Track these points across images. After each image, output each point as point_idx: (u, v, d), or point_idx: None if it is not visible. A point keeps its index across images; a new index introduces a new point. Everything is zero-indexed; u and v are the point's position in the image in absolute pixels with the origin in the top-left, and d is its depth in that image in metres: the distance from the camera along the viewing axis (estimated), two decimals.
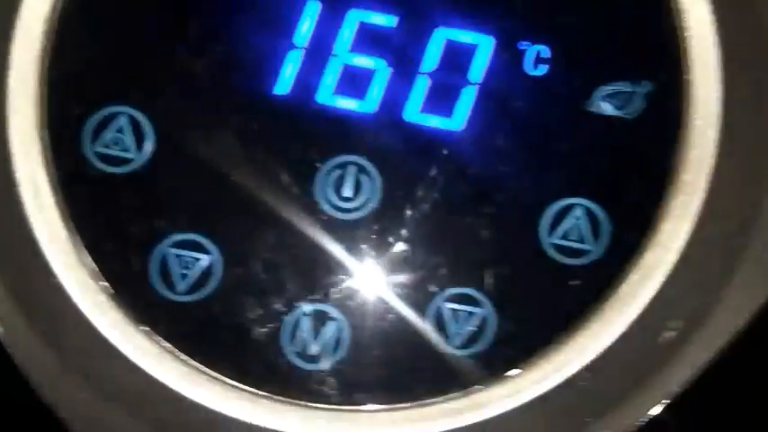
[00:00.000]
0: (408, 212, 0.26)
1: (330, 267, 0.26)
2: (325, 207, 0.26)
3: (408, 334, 0.26)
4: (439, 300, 0.26)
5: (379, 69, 0.27)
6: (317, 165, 0.26)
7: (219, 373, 0.25)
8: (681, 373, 0.26)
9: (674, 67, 0.26)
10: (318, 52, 0.27)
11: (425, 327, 0.26)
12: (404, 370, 0.26)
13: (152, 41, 0.27)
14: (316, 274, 0.26)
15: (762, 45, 0.26)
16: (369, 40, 0.27)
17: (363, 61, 0.27)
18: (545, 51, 0.27)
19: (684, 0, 0.26)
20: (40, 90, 0.26)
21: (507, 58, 0.27)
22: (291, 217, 0.26)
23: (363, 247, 0.26)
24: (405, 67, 0.27)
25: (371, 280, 0.26)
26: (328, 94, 0.27)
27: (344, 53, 0.27)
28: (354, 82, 0.27)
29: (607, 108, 0.27)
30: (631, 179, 0.26)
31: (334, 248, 0.26)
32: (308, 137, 0.26)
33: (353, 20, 0.27)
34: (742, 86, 0.26)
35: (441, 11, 0.27)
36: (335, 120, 0.27)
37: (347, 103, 0.27)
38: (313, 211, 0.26)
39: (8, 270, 0.26)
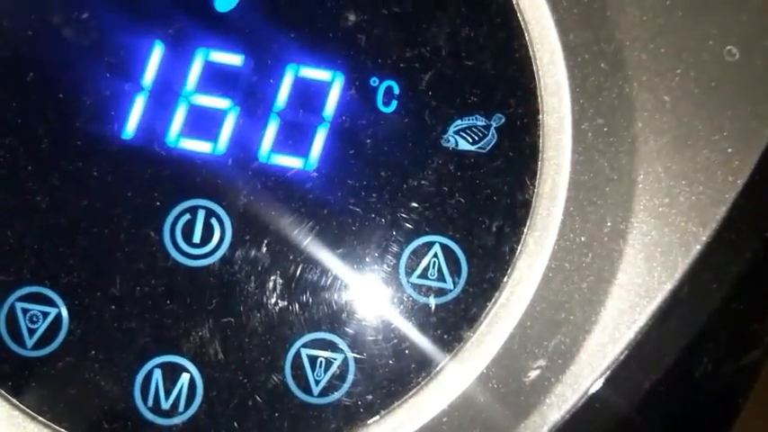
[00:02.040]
0: (261, 257, 0.26)
1: (181, 317, 0.25)
2: (174, 254, 0.26)
3: (264, 383, 0.25)
4: (297, 346, 0.25)
5: (229, 110, 0.26)
6: (166, 210, 0.26)
7: (71, 431, 0.25)
8: (551, 416, 0.26)
9: (525, 99, 0.26)
10: (165, 94, 0.26)
11: (282, 375, 0.25)
12: (260, 421, 0.25)
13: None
14: (166, 324, 0.25)
15: (610, 76, 0.26)
16: (217, 79, 0.26)
17: (212, 101, 0.26)
18: (395, 87, 0.26)
19: (535, 33, 0.26)
20: None
21: (359, 94, 0.26)
22: (139, 265, 0.25)
23: (214, 294, 0.25)
24: (255, 107, 0.26)
25: (224, 329, 0.25)
26: (176, 137, 0.26)
27: (192, 94, 0.26)
28: (204, 123, 0.26)
29: (460, 143, 0.26)
30: (487, 214, 0.26)
31: (184, 297, 0.25)
32: (157, 181, 0.26)
33: (200, 59, 0.26)
34: (592, 117, 0.26)
35: (290, 48, 0.26)
36: (184, 163, 0.26)
37: (197, 146, 0.26)
38: (161, 258, 0.25)
39: None
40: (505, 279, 0.26)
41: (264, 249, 0.26)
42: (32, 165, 0.26)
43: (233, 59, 0.26)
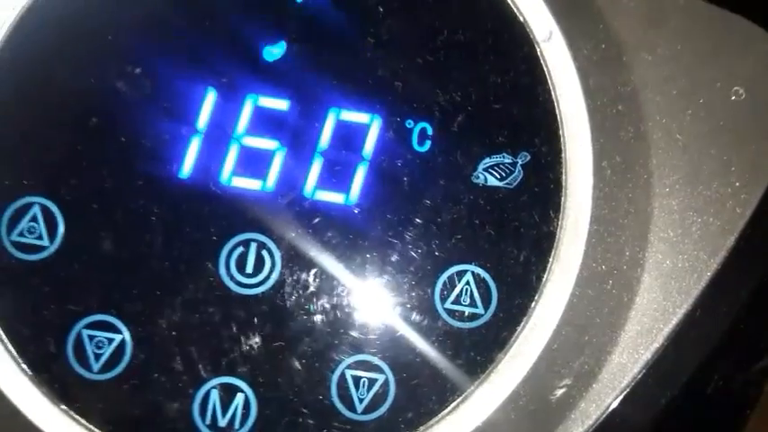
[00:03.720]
0: (308, 285, 0.28)
1: (236, 341, 0.27)
2: (229, 283, 0.28)
3: (312, 402, 0.28)
4: (342, 367, 0.28)
5: (276, 150, 0.29)
6: (221, 243, 0.28)
7: None
8: (574, 429, 0.28)
9: (549, 138, 0.28)
10: (219, 136, 0.29)
11: (329, 394, 0.28)
12: None
13: (60, 134, 0.28)
14: (222, 348, 0.27)
15: (627, 117, 0.28)
16: (265, 122, 0.29)
17: (261, 143, 0.29)
18: (429, 128, 0.28)
19: (557, 79, 0.28)
20: None
21: (396, 135, 0.29)
22: (197, 294, 0.28)
23: (266, 320, 0.28)
24: (301, 147, 0.29)
25: (275, 352, 0.28)
26: (229, 176, 0.28)
27: (242, 136, 0.29)
28: (254, 163, 0.28)
29: (489, 179, 0.28)
30: (515, 245, 0.28)
31: (239, 323, 0.28)
32: (212, 217, 0.28)
33: (250, 104, 0.29)
34: (611, 155, 0.28)
35: (332, 93, 0.29)
36: (237, 199, 0.28)
37: (247, 183, 0.28)
38: (217, 287, 0.28)
39: None
40: (533, 305, 0.28)
41: (311, 278, 0.28)
42: (99, 204, 0.28)
43: (280, 104, 0.29)
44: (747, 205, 0.29)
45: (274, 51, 0.29)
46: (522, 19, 0.29)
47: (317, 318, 0.28)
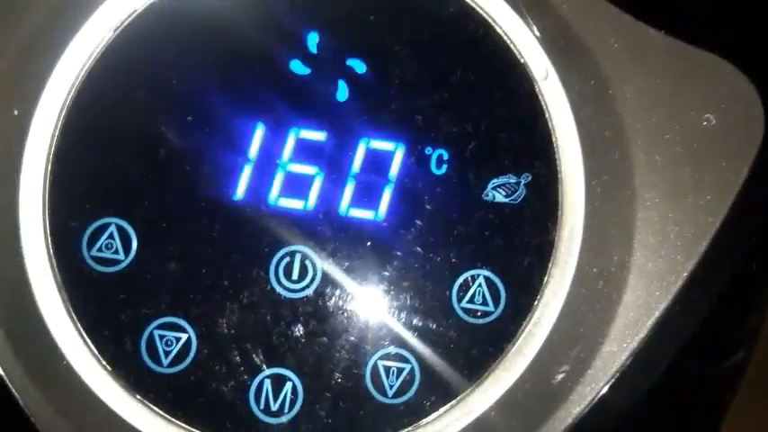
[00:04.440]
0: (345, 289, 0.33)
1: (284, 337, 0.32)
2: (278, 288, 0.32)
3: (350, 388, 0.32)
4: (374, 358, 0.32)
5: (316, 175, 0.33)
6: (270, 254, 0.33)
7: (203, 428, 0.32)
8: (572, 410, 0.33)
9: (547, 161, 0.33)
10: (267, 163, 0.33)
11: (363, 381, 0.32)
12: (347, 418, 0.32)
13: (132, 163, 0.33)
14: (273, 343, 0.32)
15: (613, 142, 0.33)
16: (306, 151, 0.33)
17: (302, 169, 0.33)
18: (445, 154, 0.33)
19: (553, 110, 0.33)
20: (46, 209, 0.32)
21: (416, 160, 0.33)
22: (252, 298, 0.32)
23: (310, 319, 0.32)
24: (336, 172, 0.33)
25: (318, 346, 0.32)
26: (276, 197, 0.33)
27: (287, 163, 0.33)
28: (296, 186, 0.33)
29: (497, 196, 0.33)
30: (520, 252, 0.32)
31: (287, 322, 0.32)
32: (262, 232, 0.33)
33: (293, 136, 0.33)
34: (600, 174, 0.33)
35: (362, 125, 0.33)
36: (283, 217, 0.33)
37: (292, 203, 0.33)
38: (268, 292, 0.32)
39: (28, 357, 0.32)
40: (536, 303, 0.32)
41: (347, 283, 0.33)
42: (166, 223, 0.32)
43: (318, 135, 0.33)
44: (717, 215, 0.34)
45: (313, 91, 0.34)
46: (522, 61, 0.34)
47: (353, 316, 0.32)
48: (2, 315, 0.32)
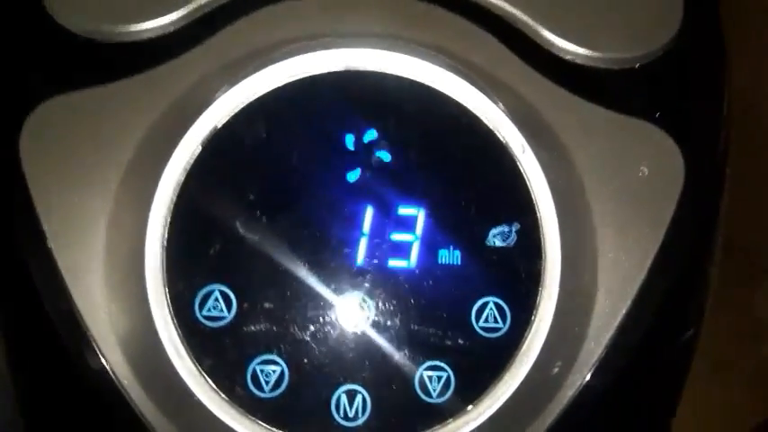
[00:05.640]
0: (394, 319, 0.42)
1: (354, 360, 0.42)
2: (346, 326, 0.42)
3: (405, 394, 0.42)
4: (420, 370, 0.42)
5: (361, 236, 0.44)
6: (338, 301, 0.42)
7: None
8: (567, 393, 0.43)
9: (529, 213, 0.42)
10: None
11: (415, 388, 0.41)
12: (404, 416, 0.42)
13: (228, 246, 0.41)
14: (346, 365, 0.41)
15: (576, 193, 0.44)
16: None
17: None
18: (457, 213, 0.43)
19: (532, 176, 0.42)
20: (165, 282, 0.42)
21: (434, 220, 0.43)
22: (327, 332, 0.42)
23: (371, 345, 0.41)
24: (378, 236, 0.43)
25: (379, 364, 0.42)
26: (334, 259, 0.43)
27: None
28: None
29: (496, 242, 0.44)
30: (517, 281, 0.41)
31: (355, 349, 0.42)
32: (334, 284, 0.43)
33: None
34: (569, 219, 0.42)
35: (395, 197, 0.43)
36: (343, 271, 0.43)
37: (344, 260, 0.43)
38: (337, 331, 0.42)
39: (160, 396, 0.41)
40: (533, 318, 0.41)
41: (396, 314, 0.42)
42: (257, 287, 0.41)
43: (359, 210, 0.43)
44: (655, 242, 0.42)
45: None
46: (504, 141, 0.43)
47: (403, 339, 0.42)
48: (137, 365, 0.42)
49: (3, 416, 0.56)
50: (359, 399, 0.42)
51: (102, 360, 0.42)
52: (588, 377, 0.42)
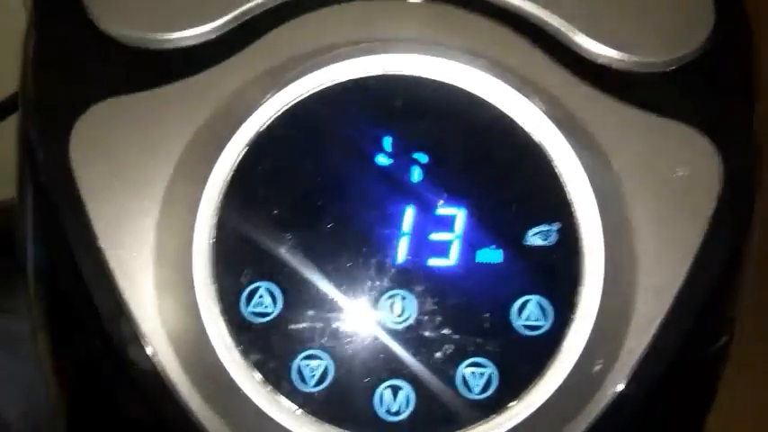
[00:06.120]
0: (436, 317, 0.43)
1: (396, 357, 0.42)
2: (386, 323, 0.43)
3: (446, 390, 0.43)
4: (462, 367, 0.43)
5: (402, 234, 0.45)
6: (378, 296, 0.43)
7: (344, 427, 0.42)
8: (607, 392, 0.43)
9: (569, 211, 0.43)
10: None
11: (456, 385, 0.43)
12: (446, 412, 0.42)
13: (274, 243, 0.43)
14: (389, 362, 0.42)
15: (617, 197, 0.44)
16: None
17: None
18: (499, 214, 0.44)
19: (567, 174, 0.43)
20: (214, 279, 0.43)
21: (475, 220, 0.45)
22: (369, 332, 0.42)
23: (412, 343, 0.42)
24: (420, 233, 0.44)
25: (421, 361, 0.42)
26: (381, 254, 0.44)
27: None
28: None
29: (537, 241, 0.45)
30: (558, 278, 0.43)
31: (397, 345, 0.43)
32: (375, 283, 0.44)
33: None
34: (608, 216, 0.43)
35: (435, 197, 0.45)
36: (384, 270, 0.44)
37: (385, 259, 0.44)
38: (379, 326, 0.43)
39: (208, 392, 0.42)
40: (573, 315, 0.41)
41: (438, 311, 0.43)
42: (301, 282, 0.43)
43: (399, 209, 0.44)
44: (696, 240, 0.45)
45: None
46: (543, 142, 0.45)
47: (444, 338, 0.43)
48: (185, 361, 0.43)
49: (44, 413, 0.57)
50: (402, 394, 0.43)
51: (152, 357, 0.43)
52: (629, 376, 0.43)
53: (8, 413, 0.65)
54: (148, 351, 0.43)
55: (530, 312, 0.42)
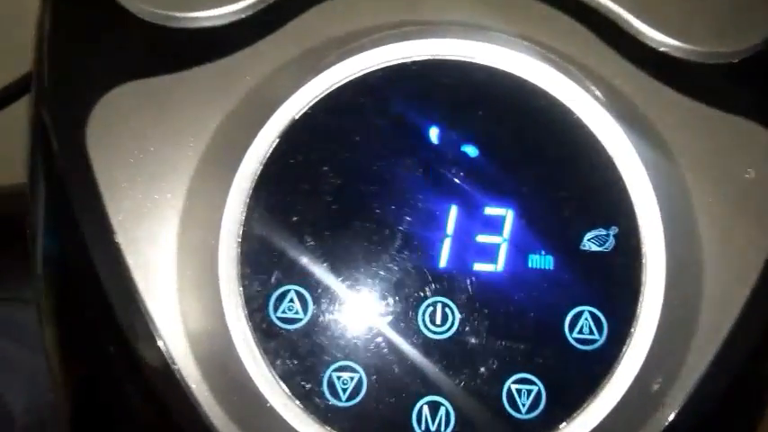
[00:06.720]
0: (479, 328, 0.39)
1: (434, 372, 0.39)
2: (426, 332, 0.39)
3: (490, 409, 0.39)
4: (508, 383, 0.39)
5: (445, 237, 0.41)
6: (418, 304, 0.39)
7: None
8: (668, 412, 0.40)
9: (628, 215, 0.40)
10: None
11: (501, 402, 0.39)
12: None
13: (304, 245, 0.40)
14: (427, 377, 0.39)
15: (681, 197, 0.41)
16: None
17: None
18: (551, 216, 0.41)
19: (626, 173, 0.40)
20: (240, 282, 0.39)
21: (525, 222, 0.41)
22: (406, 341, 0.39)
23: (453, 356, 0.39)
24: (463, 236, 0.41)
25: (462, 376, 0.39)
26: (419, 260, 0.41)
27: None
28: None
29: (592, 247, 0.41)
30: (615, 289, 0.40)
31: (435, 359, 0.39)
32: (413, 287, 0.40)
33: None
34: (671, 221, 0.40)
35: (483, 199, 0.41)
36: (426, 275, 0.41)
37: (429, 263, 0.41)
38: (418, 336, 0.39)
39: (232, 404, 0.39)
40: (632, 330, 0.39)
41: (482, 322, 0.39)
42: (334, 288, 0.39)
43: (443, 209, 0.41)
44: (763, 247, 0.42)
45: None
46: (601, 136, 0.41)
47: (488, 351, 0.40)
48: (207, 367, 0.40)
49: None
50: (442, 411, 0.39)
51: (170, 363, 0.40)
52: (690, 395, 0.40)
53: (13, 406, 0.62)
54: (166, 357, 0.40)
55: (583, 325, 0.39)
